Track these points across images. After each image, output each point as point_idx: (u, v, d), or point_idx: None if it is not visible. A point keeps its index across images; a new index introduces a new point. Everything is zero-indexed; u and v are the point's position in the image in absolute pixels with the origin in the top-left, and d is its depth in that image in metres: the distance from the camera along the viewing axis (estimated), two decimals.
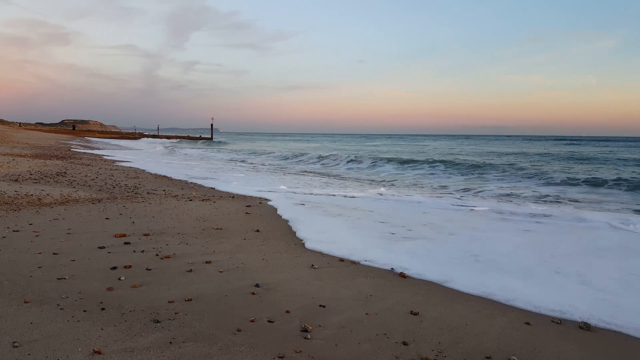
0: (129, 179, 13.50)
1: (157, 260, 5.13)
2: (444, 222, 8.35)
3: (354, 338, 3.37)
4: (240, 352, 3.06)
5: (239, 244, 6.13)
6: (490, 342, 3.42)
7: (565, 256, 6.01)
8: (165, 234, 6.45)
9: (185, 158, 31.36)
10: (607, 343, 3.54)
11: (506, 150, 45.91)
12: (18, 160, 17.75)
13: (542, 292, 4.52)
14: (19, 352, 2.91)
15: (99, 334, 3.20)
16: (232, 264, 5.12)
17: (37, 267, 4.64)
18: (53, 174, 13.58)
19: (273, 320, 3.61)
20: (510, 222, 8.63)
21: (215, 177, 16.59)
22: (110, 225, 6.83)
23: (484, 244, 6.54)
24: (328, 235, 6.83)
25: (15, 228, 6.31)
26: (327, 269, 5.17)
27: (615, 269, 5.49)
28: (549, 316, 4.02)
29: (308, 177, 19.06)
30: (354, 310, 3.93)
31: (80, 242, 5.76)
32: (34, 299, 3.80)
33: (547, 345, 3.41)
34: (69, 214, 7.49)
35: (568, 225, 8.41)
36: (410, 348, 3.25)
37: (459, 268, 5.31)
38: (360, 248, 6.06)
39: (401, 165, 25.84)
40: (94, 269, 4.70)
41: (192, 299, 3.96)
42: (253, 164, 28.87)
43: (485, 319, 3.87)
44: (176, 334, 3.26)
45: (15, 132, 60.02)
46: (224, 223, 7.42)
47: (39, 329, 3.24)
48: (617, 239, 7.28)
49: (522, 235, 7.35)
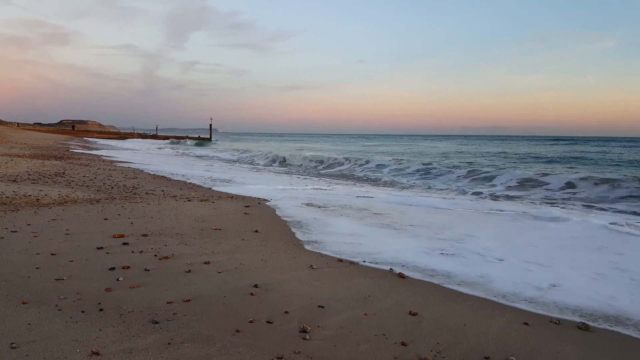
0: (128, 180, 13.48)
1: (155, 260, 5.12)
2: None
3: (352, 338, 3.37)
4: (239, 352, 3.06)
5: (238, 244, 6.13)
6: (489, 343, 3.42)
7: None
8: (163, 234, 6.44)
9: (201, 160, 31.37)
10: (605, 343, 3.54)
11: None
12: (16, 160, 17.72)
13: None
14: (16, 353, 2.90)
15: (97, 334, 3.20)
16: (230, 265, 5.12)
17: (35, 268, 4.63)
18: (51, 174, 13.55)
19: (272, 320, 3.61)
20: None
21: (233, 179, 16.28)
22: (108, 225, 6.82)
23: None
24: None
25: (13, 229, 6.30)
26: (325, 269, 5.17)
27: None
28: (547, 316, 4.03)
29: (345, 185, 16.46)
30: (352, 310, 3.93)
31: (78, 242, 5.75)
32: (31, 299, 3.79)
33: (545, 346, 3.41)
34: (67, 215, 7.48)
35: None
36: (409, 348, 3.25)
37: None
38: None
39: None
40: (92, 269, 4.69)
41: (191, 300, 3.96)
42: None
43: (484, 320, 3.88)
44: (175, 335, 3.26)
45: (13, 132, 59.94)
46: (222, 223, 7.42)
47: (37, 330, 3.24)
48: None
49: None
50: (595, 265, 5.64)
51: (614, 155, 35.78)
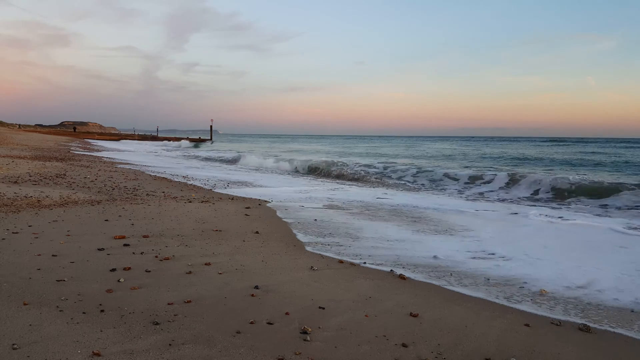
0: (128, 181, 13.50)
1: (156, 262, 5.13)
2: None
3: (353, 340, 3.37)
4: (240, 354, 3.06)
5: (239, 245, 6.13)
6: (489, 344, 3.42)
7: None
8: (164, 235, 6.45)
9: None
10: (606, 345, 3.54)
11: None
12: (17, 162, 17.73)
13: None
14: (18, 354, 2.90)
15: (99, 336, 3.20)
16: (231, 266, 5.12)
17: (36, 269, 4.63)
18: (52, 175, 13.57)
19: (272, 322, 3.61)
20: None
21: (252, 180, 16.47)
22: (109, 227, 6.83)
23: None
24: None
25: (15, 230, 6.30)
26: (326, 270, 5.17)
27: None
28: (548, 318, 4.03)
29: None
30: (353, 312, 3.93)
31: (79, 243, 5.75)
32: (33, 301, 3.79)
33: (546, 347, 3.41)
34: (68, 216, 7.49)
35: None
36: (410, 350, 3.25)
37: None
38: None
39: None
40: (93, 270, 4.70)
41: (192, 301, 3.96)
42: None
43: (485, 321, 3.87)
44: (175, 336, 3.26)
45: (14, 133, 59.99)
46: (223, 225, 7.42)
47: (38, 331, 3.24)
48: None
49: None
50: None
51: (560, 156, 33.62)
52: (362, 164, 23.58)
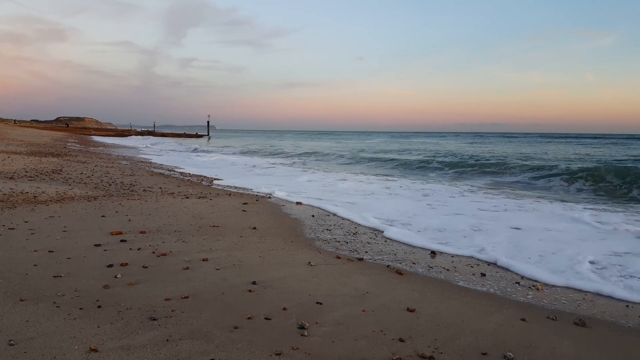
0: (125, 177, 13.46)
1: (153, 257, 5.12)
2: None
3: (350, 335, 3.38)
4: (237, 349, 3.07)
5: (236, 241, 6.13)
6: (486, 339, 3.43)
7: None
8: (161, 231, 6.44)
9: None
10: (601, 339, 3.56)
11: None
12: (13, 157, 17.65)
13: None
14: (14, 350, 2.90)
15: (96, 331, 3.20)
16: (229, 262, 5.12)
17: (32, 265, 4.62)
18: (48, 171, 13.52)
19: (270, 317, 3.61)
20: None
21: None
22: (106, 222, 6.81)
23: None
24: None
25: (11, 226, 6.28)
26: (323, 266, 5.17)
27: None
28: (544, 312, 4.05)
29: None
30: (350, 307, 3.94)
31: (76, 239, 5.74)
32: (29, 297, 3.79)
33: (542, 341, 3.43)
34: (64, 212, 7.47)
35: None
36: (407, 344, 3.26)
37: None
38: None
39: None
40: (90, 266, 4.69)
41: (189, 297, 3.96)
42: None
43: (482, 316, 3.89)
44: (173, 332, 3.26)
45: (10, 129, 59.67)
46: (220, 220, 7.41)
47: (35, 327, 3.23)
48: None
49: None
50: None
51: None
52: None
